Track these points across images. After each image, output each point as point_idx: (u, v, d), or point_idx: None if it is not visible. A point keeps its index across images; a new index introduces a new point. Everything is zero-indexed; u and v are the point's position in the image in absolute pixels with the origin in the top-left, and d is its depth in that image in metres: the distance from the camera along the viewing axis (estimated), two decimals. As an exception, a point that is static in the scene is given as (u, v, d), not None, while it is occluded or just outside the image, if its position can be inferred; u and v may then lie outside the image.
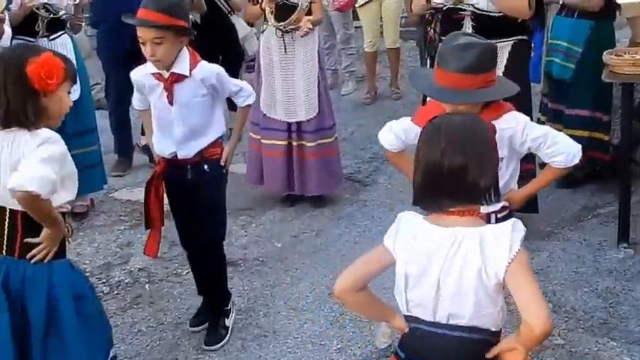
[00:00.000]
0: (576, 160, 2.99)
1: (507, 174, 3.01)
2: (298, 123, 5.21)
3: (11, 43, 4.44)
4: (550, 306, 3.90)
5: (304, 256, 4.59)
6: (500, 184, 2.41)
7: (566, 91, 5.29)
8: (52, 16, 4.87)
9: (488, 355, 2.14)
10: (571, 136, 5.10)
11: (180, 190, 3.59)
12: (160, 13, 3.29)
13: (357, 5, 7.77)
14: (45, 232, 2.66)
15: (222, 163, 3.62)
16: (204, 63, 3.51)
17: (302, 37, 5.10)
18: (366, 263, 2.25)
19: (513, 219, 2.15)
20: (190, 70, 3.43)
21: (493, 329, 2.16)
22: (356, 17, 8.25)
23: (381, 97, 8.02)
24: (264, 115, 5.23)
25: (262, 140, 5.29)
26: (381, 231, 2.36)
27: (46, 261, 2.67)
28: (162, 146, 3.58)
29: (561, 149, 2.96)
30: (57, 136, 2.63)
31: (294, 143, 5.23)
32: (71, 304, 2.68)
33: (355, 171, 5.97)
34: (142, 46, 3.36)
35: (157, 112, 3.56)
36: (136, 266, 4.52)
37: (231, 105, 5.36)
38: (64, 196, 2.65)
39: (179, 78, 3.43)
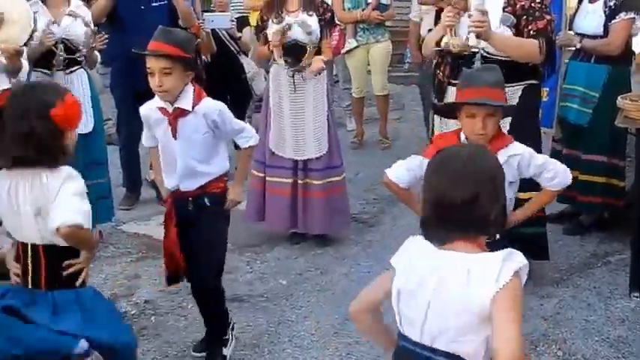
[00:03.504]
0: (568, 182, 3.46)
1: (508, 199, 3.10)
2: (305, 161, 5.18)
3: (28, 77, 4.45)
4: (560, 354, 3.85)
5: (309, 294, 4.53)
6: None
7: (583, 137, 5.21)
8: (69, 55, 4.95)
9: None
10: (588, 182, 5.16)
11: (183, 222, 3.57)
12: (171, 45, 3.39)
13: (343, 51, 7.68)
14: (84, 254, 2.82)
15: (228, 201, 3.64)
16: (208, 99, 3.54)
17: (315, 76, 5.09)
18: (377, 285, 2.33)
19: (509, 249, 2.09)
20: (193, 106, 3.47)
21: None
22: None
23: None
24: (273, 153, 5.21)
25: (267, 178, 5.25)
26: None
27: (77, 284, 2.81)
28: (168, 180, 3.62)
29: (557, 174, 3.41)
30: (76, 172, 2.72)
31: (300, 181, 5.20)
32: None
33: (360, 211, 5.94)
34: (149, 77, 3.41)
35: (162, 147, 3.60)
36: (142, 298, 4.48)
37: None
38: None
39: (182, 113, 3.46)
